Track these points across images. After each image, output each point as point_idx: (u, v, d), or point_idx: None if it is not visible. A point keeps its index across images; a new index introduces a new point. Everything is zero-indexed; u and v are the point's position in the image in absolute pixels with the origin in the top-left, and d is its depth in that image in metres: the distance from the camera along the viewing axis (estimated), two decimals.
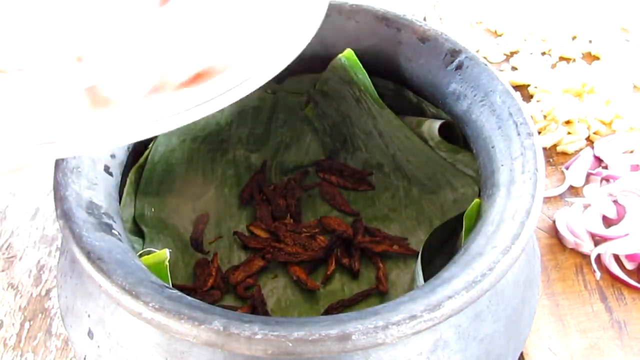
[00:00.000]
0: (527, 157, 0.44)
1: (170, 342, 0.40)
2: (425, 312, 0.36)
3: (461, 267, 0.39)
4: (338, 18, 0.53)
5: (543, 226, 0.64)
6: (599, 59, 0.79)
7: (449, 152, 0.55)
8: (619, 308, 0.58)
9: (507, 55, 0.81)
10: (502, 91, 0.47)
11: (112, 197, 0.45)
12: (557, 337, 0.56)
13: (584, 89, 0.73)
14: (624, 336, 0.56)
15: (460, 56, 0.50)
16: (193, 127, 0.58)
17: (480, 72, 0.48)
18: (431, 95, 0.52)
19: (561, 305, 0.58)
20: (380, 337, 0.35)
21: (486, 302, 0.42)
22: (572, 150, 0.70)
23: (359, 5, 0.53)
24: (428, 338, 0.40)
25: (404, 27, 0.52)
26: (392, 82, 0.56)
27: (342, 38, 0.54)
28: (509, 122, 0.46)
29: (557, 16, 0.83)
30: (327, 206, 0.63)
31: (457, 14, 0.86)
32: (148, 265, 0.41)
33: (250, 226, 0.61)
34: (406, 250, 0.59)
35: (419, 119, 0.56)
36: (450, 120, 0.53)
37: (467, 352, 0.41)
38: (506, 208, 0.42)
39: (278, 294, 0.58)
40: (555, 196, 0.66)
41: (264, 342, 0.35)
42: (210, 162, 0.62)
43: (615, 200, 0.64)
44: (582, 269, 0.61)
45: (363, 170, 0.63)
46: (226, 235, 0.61)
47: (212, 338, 0.36)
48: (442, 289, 0.37)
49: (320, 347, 0.35)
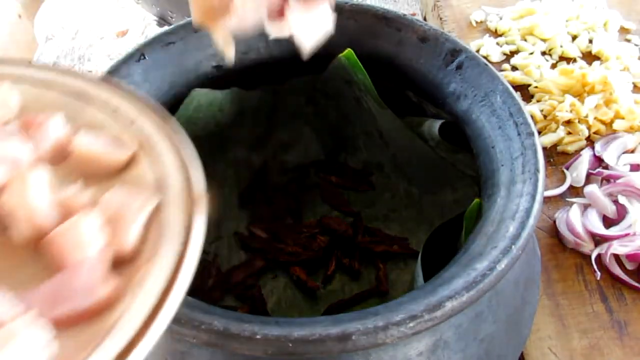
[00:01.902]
0: (527, 157, 0.44)
1: (170, 342, 0.40)
2: (425, 312, 0.36)
3: (461, 267, 0.39)
4: (338, 18, 0.53)
5: (543, 226, 0.64)
6: (599, 58, 0.78)
7: (449, 152, 0.55)
8: (620, 308, 0.58)
9: (507, 55, 0.80)
10: (502, 91, 0.47)
11: None
12: (557, 337, 0.56)
13: (585, 89, 0.73)
14: (624, 336, 0.56)
15: (461, 56, 0.50)
16: (193, 127, 0.58)
17: (480, 72, 0.48)
18: (431, 95, 0.52)
19: (561, 306, 0.58)
20: (380, 337, 0.35)
21: (486, 302, 0.42)
22: (572, 150, 0.70)
23: (359, 5, 0.53)
24: (428, 338, 0.40)
25: (404, 27, 0.52)
26: (392, 82, 0.56)
27: (342, 38, 0.53)
28: (509, 122, 0.46)
29: (558, 16, 0.83)
30: (327, 206, 0.63)
31: (457, 14, 0.86)
32: None
33: (251, 226, 0.61)
34: (406, 250, 0.58)
35: (419, 118, 0.56)
36: (451, 120, 0.53)
37: (467, 352, 0.41)
38: (506, 208, 0.42)
39: (278, 294, 0.57)
40: (556, 196, 0.66)
41: (263, 342, 0.35)
42: (211, 162, 0.62)
43: (615, 200, 0.64)
44: (582, 269, 0.61)
45: (363, 170, 0.63)
46: (226, 236, 0.61)
47: (212, 338, 0.36)
48: (442, 289, 0.37)
49: (321, 347, 0.35)
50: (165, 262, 0.29)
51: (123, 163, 0.35)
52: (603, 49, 0.78)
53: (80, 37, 1.17)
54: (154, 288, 0.29)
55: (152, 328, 0.28)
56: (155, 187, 0.33)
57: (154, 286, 0.29)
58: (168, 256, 0.30)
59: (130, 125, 0.37)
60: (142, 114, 0.37)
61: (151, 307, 0.28)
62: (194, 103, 0.56)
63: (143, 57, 0.51)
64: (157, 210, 0.32)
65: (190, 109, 0.56)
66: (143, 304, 0.28)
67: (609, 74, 0.73)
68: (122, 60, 0.51)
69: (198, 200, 0.32)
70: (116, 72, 0.50)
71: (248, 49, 0.55)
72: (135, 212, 0.32)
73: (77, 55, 1.13)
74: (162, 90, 0.53)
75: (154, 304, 0.28)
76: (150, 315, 0.28)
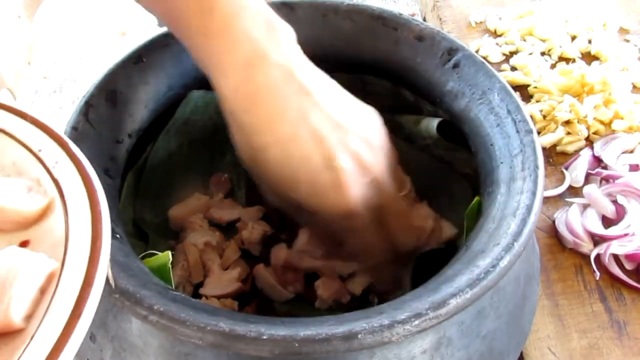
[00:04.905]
0: (526, 154, 0.44)
1: (175, 344, 0.40)
2: (430, 310, 0.36)
3: (464, 264, 0.39)
4: (335, 18, 0.53)
5: (543, 226, 0.63)
6: (599, 59, 0.78)
7: (447, 150, 0.55)
8: (619, 308, 0.58)
9: (507, 55, 0.80)
10: (500, 89, 0.47)
11: (112, 201, 0.45)
12: (556, 337, 0.56)
13: (584, 89, 0.73)
14: (623, 336, 0.56)
15: (457, 54, 0.50)
16: (190, 129, 0.58)
17: (477, 70, 0.48)
18: (428, 93, 0.52)
19: (561, 306, 0.58)
20: (386, 335, 0.36)
21: (488, 299, 0.42)
22: (571, 150, 0.70)
23: (355, 5, 0.53)
24: (432, 336, 0.40)
25: (401, 26, 0.52)
26: (389, 81, 0.56)
27: (339, 38, 0.54)
28: (507, 120, 0.46)
29: (557, 16, 0.83)
30: None
31: (457, 14, 0.86)
32: (150, 268, 0.42)
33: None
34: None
35: (416, 117, 0.56)
36: (448, 119, 0.53)
37: (470, 348, 0.41)
38: (507, 205, 0.42)
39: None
40: (555, 196, 0.66)
41: (270, 342, 0.35)
42: (209, 164, 0.62)
43: (614, 200, 0.64)
44: (581, 269, 0.61)
45: None
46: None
47: (218, 340, 0.36)
48: (446, 286, 0.38)
49: (327, 346, 0.35)
50: (47, 342, 0.27)
51: (36, 214, 0.33)
52: (602, 49, 0.78)
53: (80, 37, 1.17)
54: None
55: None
56: (62, 246, 0.31)
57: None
58: (50, 335, 0.27)
59: (53, 166, 0.34)
60: (64, 153, 0.34)
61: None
62: (191, 105, 0.56)
63: (141, 59, 0.52)
64: (53, 275, 0.30)
65: (188, 110, 0.56)
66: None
67: (608, 74, 0.73)
68: (120, 62, 0.51)
69: (99, 266, 0.29)
70: (114, 74, 0.50)
71: None
72: (27, 280, 0.29)
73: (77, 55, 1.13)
74: (160, 92, 0.53)
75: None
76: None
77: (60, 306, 0.28)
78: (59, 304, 0.28)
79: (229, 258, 0.56)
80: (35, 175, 0.34)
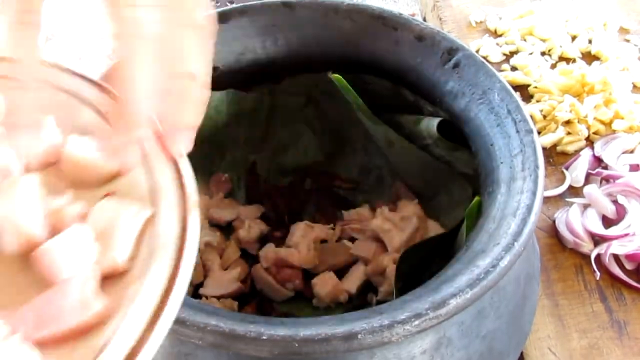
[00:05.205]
0: (527, 154, 0.44)
1: (174, 344, 0.39)
2: (430, 310, 0.36)
3: (464, 264, 0.39)
4: (335, 18, 0.53)
5: (543, 226, 0.63)
6: (599, 59, 0.78)
7: (448, 149, 0.55)
8: (619, 308, 0.58)
9: (507, 55, 0.80)
10: (500, 89, 0.47)
11: None
12: (556, 337, 0.56)
13: (584, 89, 0.73)
14: (623, 336, 0.56)
15: (458, 54, 0.50)
16: None
17: (477, 69, 0.48)
18: (428, 93, 0.52)
19: (561, 306, 0.58)
20: (386, 335, 0.36)
21: (489, 299, 0.42)
22: (572, 150, 0.70)
23: (355, 5, 0.53)
24: (432, 336, 0.40)
25: (401, 26, 0.52)
26: (389, 81, 0.56)
27: (339, 38, 0.53)
28: (507, 120, 0.46)
29: (558, 16, 0.83)
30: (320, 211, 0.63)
31: (457, 14, 0.86)
32: None
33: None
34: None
35: (416, 117, 0.56)
36: (448, 119, 0.53)
37: (470, 349, 0.41)
38: (507, 205, 0.42)
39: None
40: (555, 196, 0.66)
41: (270, 342, 0.35)
42: (209, 164, 0.62)
43: (614, 200, 0.64)
44: (582, 269, 0.61)
45: (354, 179, 0.63)
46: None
47: (218, 340, 0.36)
48: (446, 286, 0.37)
49: (327, 346, 0.35)
50: (158, 279, 0.29)
51: (116, 171, 0.34)
52: (602, 49, 0.78)
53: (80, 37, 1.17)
54: (146, 306, 0.28)
55: (145, 347, 0.27)
56: (149, 197, 0.32)
57: (146, 304, 0.28)
58: (161, 272, 0.29)
59: None
60: None
61: (144, 325, 0.27)
62: None
63: None
64: (149, 222, 0.31)
65: None
66: (135, 322, 0.27)
67: (608, 74, 0.73)
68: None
69: (191, 213, 0.31)
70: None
71: (244, 49, 0.55)
72: (127, 226, 0.31)
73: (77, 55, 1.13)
74: None
75: (147, 323, 0.27)
76: (143, 334, 0.27)
77: (162, 248, 0.30)
78: (161, 246, 0.30)
79: (229, 258, 0.56)
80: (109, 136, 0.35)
